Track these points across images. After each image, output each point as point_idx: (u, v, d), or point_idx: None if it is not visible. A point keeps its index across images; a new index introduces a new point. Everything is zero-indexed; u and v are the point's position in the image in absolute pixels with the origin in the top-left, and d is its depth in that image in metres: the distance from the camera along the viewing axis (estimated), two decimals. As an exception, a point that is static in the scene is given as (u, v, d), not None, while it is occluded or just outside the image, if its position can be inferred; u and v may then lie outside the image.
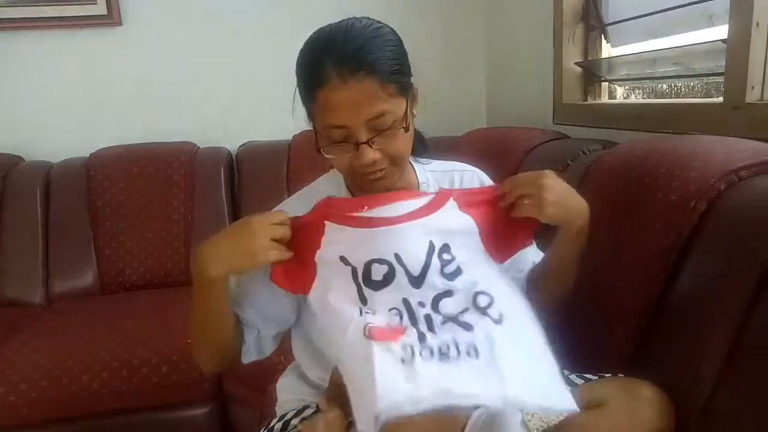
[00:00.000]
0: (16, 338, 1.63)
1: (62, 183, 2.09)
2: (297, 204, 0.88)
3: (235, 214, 2.17)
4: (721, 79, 1.20)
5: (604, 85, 1.79)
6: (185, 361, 1.51)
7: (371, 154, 0.78)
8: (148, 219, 2.07)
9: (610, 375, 0.85)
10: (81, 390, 1.45)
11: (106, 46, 2.22)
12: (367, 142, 0.77)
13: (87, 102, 2.24)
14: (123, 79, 2.26)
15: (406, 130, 0.80)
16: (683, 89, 1.59)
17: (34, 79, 2.19)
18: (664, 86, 1.66)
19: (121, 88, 2.26)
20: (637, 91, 1.78)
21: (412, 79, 0.83)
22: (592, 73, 1.79)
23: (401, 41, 0.81)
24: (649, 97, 1.72)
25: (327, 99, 0.75)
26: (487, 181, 0.98)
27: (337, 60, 0.74)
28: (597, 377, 0.85)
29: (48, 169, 2.11)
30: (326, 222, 0.81)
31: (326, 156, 0.80)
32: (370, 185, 0.83)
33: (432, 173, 0.96)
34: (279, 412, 0.96)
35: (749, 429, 0.72)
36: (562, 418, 0.70)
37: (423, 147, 0.97)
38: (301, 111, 0.83)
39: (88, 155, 2.15)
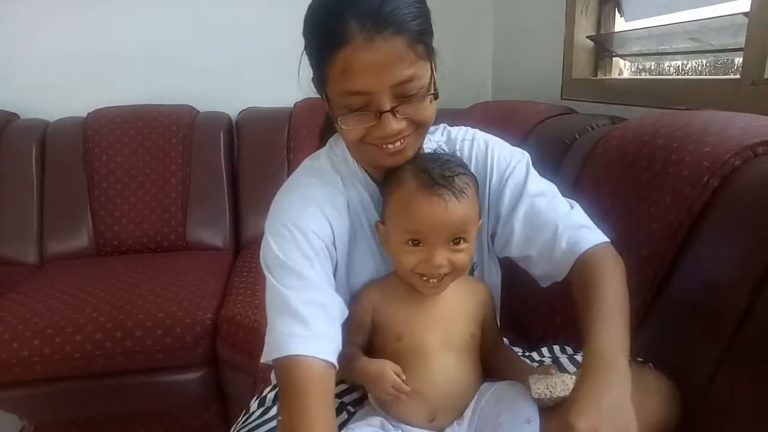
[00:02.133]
0: (8, 296, 1.61)
1: (58, 142, 2.05)
2: (318, 188, 0.80)
3: (234, 180, 2.14)
4: (732, 57, 1.16)
5: (615, 60, 1.74)
6: (179, 324, 1.50)
7: (395, 125, 0.70)
8: (146, 182, 2.04)
9: None
10: (74, 350, 1.44)
11: (107, 4, 2.16)
12: (391, 110, 0.69)
13: (85, 60, 2.18)
14: (123, 38, 2.20)
15: (435, 97, 0.73)
16: (691, 71, 1.55)
17: (32, 34, 2.13)
18: (672, 68, 1.61)
19: (121, 48, 2.20)
20: (643, 73, 1.74)
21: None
22: (604, 47, 1.74)
23: None
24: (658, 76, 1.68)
25: (348, 61, 0.66)
26: (490, 152, 0.87)
27: (361, 15, 0.65)
28: None
29: (44, 128, 2.07)
30: None
31: (343, 127, 0.72)
32: (388, 159, 0.75)
33: (437, 143, 0.90)
34: (273, 379, 0.94)
35: (750, 414, 0.71)
36: (567, 393, 0.68)
37: None
38: (306, 75, 0.74)
39: (85, 115, 2.11)
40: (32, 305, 1.54)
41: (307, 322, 0.69)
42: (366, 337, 0.81)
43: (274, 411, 0.80)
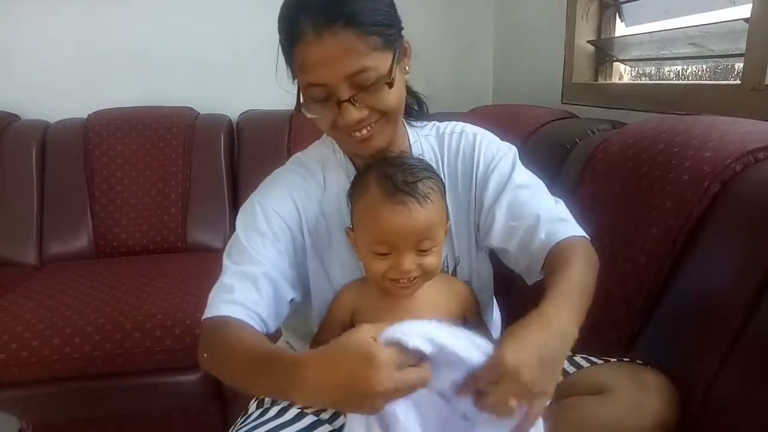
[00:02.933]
0: (7, 297, 1.61)
1: (59, 143, 2.04)
2: (293, 174, 0.88)
3: (234, 182, 2.13)
4: (731, 63, 1.16)
5: (616, 65, 1.75)
6: (178, 326, 1.49)
7: (355, 113, 0.74)
8: (146, 184, 2.04)
9: (615, 360, 0.83)
10: (72, 351, 1.43)
11: (108, 5, 2.16)
12: (349, 100, 0.73)
13: (86, 62, 2.18)
14: (124, 39, 2.20)
15: (390, 86, 0.74)
16: (691, 76, 1.56)
17: (33, 35, 2.13)
18: (672, 73, 1.62)
19: (122, 49, 2.20)
20: (644, 78, 1.74)
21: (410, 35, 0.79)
22: (604, 52, 1.75)
23: None
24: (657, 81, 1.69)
25: (304, 56, 0.72)
26: (477, 145, 0.89)
27: (311, 12, 0.70)
28: (602, 361, 0.82)
29: (44, 129, 2.07)
30: None
31: (308, 116, 0.77)
32: (358, 146, 0.79)
33: (426, 138, 0.92)
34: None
35: (751, 417, 0.71)
36: None
37: (420, 110, 0.94)
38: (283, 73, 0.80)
39: (85, 116, 2.11)
40: (31, 306, 1.53)
41: (231, 290, 0.76)
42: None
43: (272, 412, 0.80)
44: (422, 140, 0.91)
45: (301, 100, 0.79)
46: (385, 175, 0.75)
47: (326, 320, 0.85)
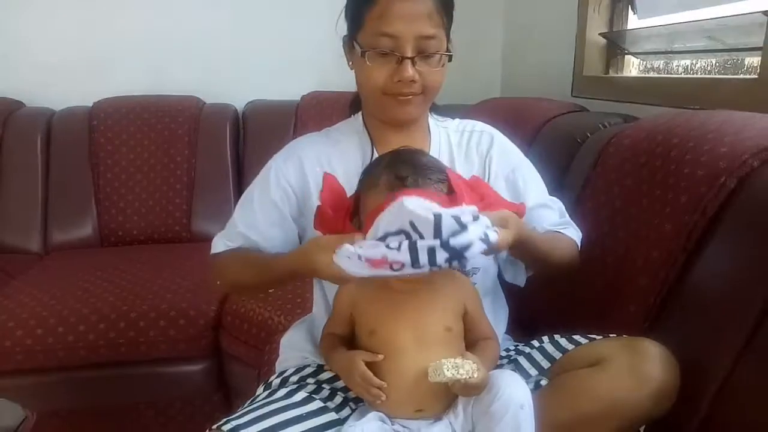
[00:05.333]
0: (12, 284, 1.61)
1: (64, 131, 2.04)
2: (316, 141, 0.96)
3: (239, 173, 2.12)
4: (741, 57, 1.14)
5: (628, 58, 1.72)
6: (183, 316, 1.49)
7: (411, 71, 0.81)
8: (151, 173, 2.03)
9: (614, 335, 0.82)
10: (77, 340, 1.43)
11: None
12: (411, 59, 0.80)
13: (92, 49, 2.17)
14: (130, 28, 2.18)
15: (449, 59, 0.84)
16: (699, 71, 1.53)
17: (38, 23, 2.12)
18: (680, 68, 1.59)
19: (128, 38, 2.19)
20: (651, 72, 1.71)
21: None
22: (616, 45, 1.72)
23: None
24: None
25: (389, 5, 0.79)
26: (499, 141, 0.96)
27: None
28: (602, 337, 0.82)
29: (49, 116, 2.06)
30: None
31: (367, 63, 0.82)
32: (397, 107, 0.85)
33: (444, 129, 0.97)
34: (278, 368, 0.95)
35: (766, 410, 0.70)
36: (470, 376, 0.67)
37: (435, 107, 0.97)
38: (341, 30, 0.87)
39: (91, 104, 2.09)
40: (36, 294, 1.53)
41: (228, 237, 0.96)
42: (348, 329, 0.83)
43: (280, 393, 0.81)
44: (441, 132, 0.96)
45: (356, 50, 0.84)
46: (396, 176, 0.74)
47: (332, 315, 0.86)
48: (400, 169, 0.74)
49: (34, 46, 2.13)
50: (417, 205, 0.65)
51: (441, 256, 0.63)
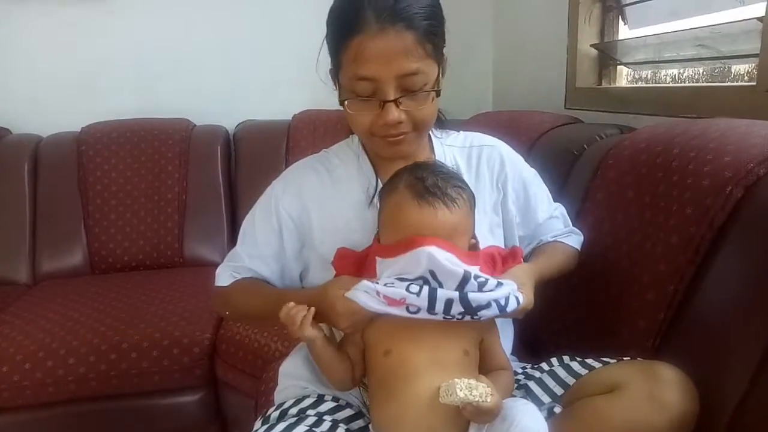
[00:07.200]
0: (-1, 317, 1.56)
1: (52, 158, 2.00)
2: (315, 168, 0.91)
3: (232, 195, 2.09)
4: (730, 65, 1.13)
5: (620, 68, 1.72)
6: (176, 345, 1.45)
7: (396, 114, 0.75)
8: (141, 198, 2.00)
9: (629, 358, 0.80)
10: (67, 374, 1.39)
11: (101, 16, 2.13)
12: (394, 101, 0.75)
13: (79, 74, 2.15)
14: (117, 51, 2.17)
15: (438, 95, 0.78)
16: (687, 79, 1.53)
17: (24, 47, 2.10)
18: (668, 77, 1.58)
19: (116, 61, 2.17)
20: (640, 82, 1.71)
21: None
22: (608, 56, 1.72)
23: (440, 5, 0.79)
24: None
25: (361, 47, 0.72)
26: (508, 156, 0.96)
27: (378, 8, 0.72)
28: (615, 360, 0.79)
29: (37, 143, 2.03)
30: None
31: (348, 111, 0.78)
32: (388, 148, 0.81)
33: (449, 148, 0.94)
34: (278, 399, 0.91)
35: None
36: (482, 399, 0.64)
37: (440, 122, 0.94)
38: (324, 67, 0.82)
39: (79, 129, 2.06)
40: (23, 327, 1.48)
41: (234, 268, 0.93)
42: (357, 351, 0.80)
43: (279, 428, 0.77)
44: (446, 150, 0.93)
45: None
46: (416, 177, 0.76)
47: (342, 338, 0.84)
48: (420, 171, 0.77)
49: (19, 72, 2.11)
50: (443, 258, 0.70)
51: (456, 309, 0.69)
